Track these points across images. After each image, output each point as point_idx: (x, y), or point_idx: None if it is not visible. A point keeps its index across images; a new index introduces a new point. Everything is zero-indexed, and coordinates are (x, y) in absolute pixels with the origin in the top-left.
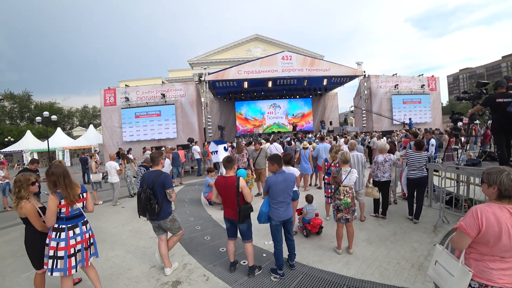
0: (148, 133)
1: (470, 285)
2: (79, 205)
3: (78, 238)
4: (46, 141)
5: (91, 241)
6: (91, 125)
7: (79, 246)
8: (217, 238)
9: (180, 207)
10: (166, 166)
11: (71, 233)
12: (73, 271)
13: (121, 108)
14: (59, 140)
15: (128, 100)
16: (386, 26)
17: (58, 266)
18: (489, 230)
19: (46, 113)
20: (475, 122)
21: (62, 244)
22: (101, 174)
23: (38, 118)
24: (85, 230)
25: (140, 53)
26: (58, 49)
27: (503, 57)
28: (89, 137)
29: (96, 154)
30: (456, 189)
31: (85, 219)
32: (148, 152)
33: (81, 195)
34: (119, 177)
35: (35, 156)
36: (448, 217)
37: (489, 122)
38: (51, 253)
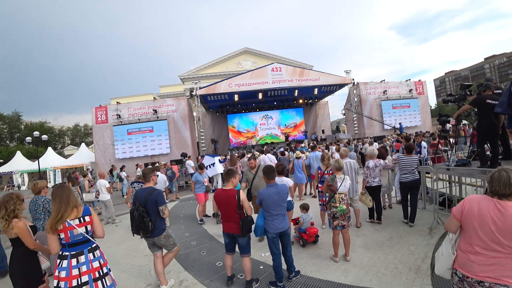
0: (141, 150)
1: (456, 274)
2: (80, 230)
3: (84, 268)
4: (37, 161)
5: (104, 270)
6: (83, 144)
7: (85, 277)
8: (213, 253)
9: (175, 223)
10: (162, 182)
11: (74, 261)
12: None
13: (113, 126)
14: (50, 160)
15: (119, 117)
16: (371, 35)
17: None
18: (469, 215)
19: (36, 133)
20: (463, 123)
21: (63, 274)
22: (94, 193)
23: (28, 138)
24: (91, 258)
25: (131, 70)
26: (49, 69)
27: (485, 58)
28: (81, 156)
29: (89, 173)
30: (449, 190)
31: (93, 245)
32: (139, 169)
33: (82, 218)
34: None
35: (25, 178)
36: (442, 219)
37: (476, 122)
38: (55, 283)
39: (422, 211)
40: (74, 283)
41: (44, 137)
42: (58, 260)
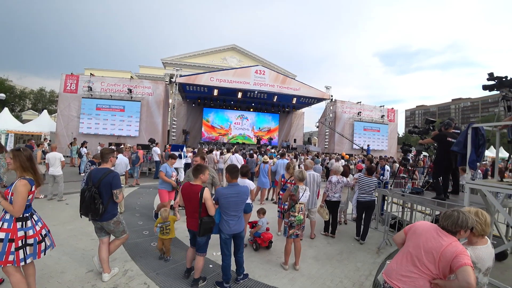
0: (107, 128)
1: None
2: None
3: (39, 224)
4: None
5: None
6: (45, 111)
7: (44, 231)
8: None
9: (130, 210)
10: (123, 165)
11: (33, 220)
12: (42, 255)
13: (82, 97)
14: (5, 121)
15: (91, 89)
16: (356, 57)
17: (28, 252)
18: (414, 231)
19: None
20: (423, 154)
21: (31, 232)
22: (45, 166)
23: None
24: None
25: (114, 42)
26: (21, 20)
27: (452, 100)
28: (41, 123)
29: (46, 143)
30: (401, 214)
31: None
32: (100, 148)
33: None
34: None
35: None
36: (391, 240)
37: (434, 155)
38: (20, 243)
39: (374, 230)
40: (41, 236)
41: (1, 95)
42: (20, 223)
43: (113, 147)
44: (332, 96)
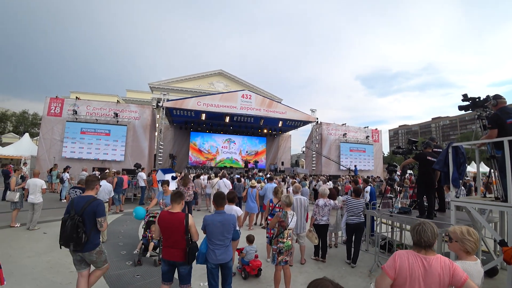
0: (92, 152)
1: None
2: None
3: None
4: None
5: None
6: (26, 134)
7: None
8: (149, 277)
9: (113, 238)
10: (107, 192)
11: None
12: None
13: (66, 121)
14: None
15: (76, 113)
16: (339, 81)
17: None
18: (402, 273)
19: None
20: (409, 172)
21: None
22: (17, 193)
23: None
24: None
25: (101, 66)
26: (5, 40)
27: (432, 118)
28: (21, 147)
29: (24, 168)
30: (391, 234)
31: None
32: (84, 173)
33: None
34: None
35: None
36: (382, 262)
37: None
38: None
39: (364, 253)
40: None
41: None
42: None
43: (96, 172)
44: (317, 118)
